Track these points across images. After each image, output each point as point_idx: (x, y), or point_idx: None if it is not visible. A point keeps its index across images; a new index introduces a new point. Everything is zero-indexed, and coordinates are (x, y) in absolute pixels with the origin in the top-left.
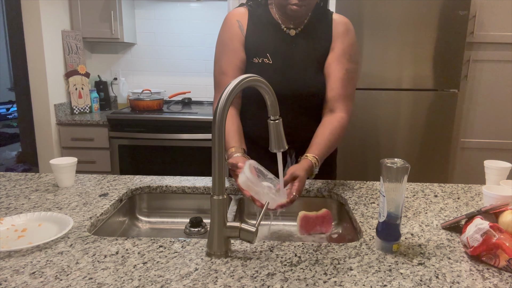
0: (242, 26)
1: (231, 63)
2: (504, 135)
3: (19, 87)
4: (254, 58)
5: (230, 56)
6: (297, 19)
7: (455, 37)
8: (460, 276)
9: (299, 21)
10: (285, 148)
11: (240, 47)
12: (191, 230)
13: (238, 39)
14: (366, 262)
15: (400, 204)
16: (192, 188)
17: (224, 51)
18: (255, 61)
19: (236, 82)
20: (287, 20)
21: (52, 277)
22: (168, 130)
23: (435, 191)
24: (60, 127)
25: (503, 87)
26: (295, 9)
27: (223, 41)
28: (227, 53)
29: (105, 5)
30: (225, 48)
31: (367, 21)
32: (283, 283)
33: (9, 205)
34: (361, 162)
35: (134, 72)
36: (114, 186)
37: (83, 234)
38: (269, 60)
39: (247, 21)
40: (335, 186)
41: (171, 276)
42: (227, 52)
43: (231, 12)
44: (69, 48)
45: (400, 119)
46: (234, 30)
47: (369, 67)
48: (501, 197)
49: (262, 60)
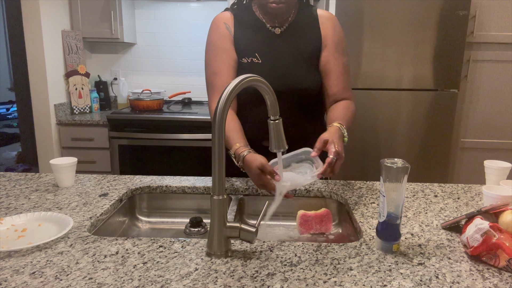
0: (230, 28)
1: (224, 62)
2: (504, 135)
3: (19, 87)
4: (243, 58)
5: (222, 56)
6: (279, 17)
7: (455, 37)
8: (460, 276)
9: (283, 19)
10: (286, 148)
11: (231, 47)
12: (191, 230)
13: (227, 39)
14: (366, 262)
15: (400, 204)
16: (192, 188)
17: (215, 52)
18: (244, 61)
19: (236, 82)
20: (271, 19)
21: (52, 277)
22: (168, 130)
23: (435, 191)
24: (60, 127)
25: (503, 87)
26: (274, 7)
27: (213, 42)
28: (218, 53)
29: (105, 5)
30: (216, 49)
31: (367, 21)
32: (283, 283)
33: (9, 205)
34: (361, 162)
35: (134, 72)
36: (114, 186)
37: (83, 234)
38: (258, 59)
39: (233, 23)
40: (335, 186)
41: (171, 276)
42: (218, 53)
43: (217, 16)
44: (69, 48)
45: (400, 119)
46: (222, 31)
47: (369, 67)
48: (501, 197)
49: (251, 60)
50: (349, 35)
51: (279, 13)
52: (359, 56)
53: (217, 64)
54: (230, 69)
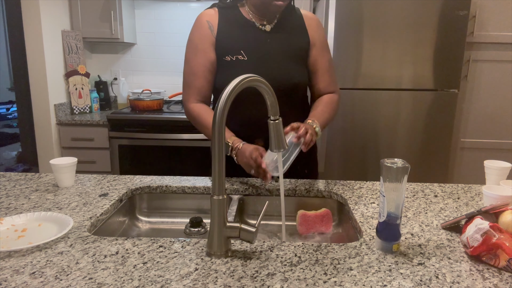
0: (213, 27)
1: (201, 64)
2: (504, 135)
3: (19, 87)
4: (226, 57)
5: (200, 58)
6: (274, 14)
7: (455, 37)
8: (460, 276)
9: (272, 17)
10: (285, 148)
11: (210, 48)
12: (191, 230)
13: (208, 40)
14: (366, 262)
15: (400, 204)
16: (192, 188)
17: (194, 52)
18: (227, 59)
19: (236, 82)
20: (261, 17)
21: (52, 277)
22: (168, 130)
23: (435, 191)
24: (60, 127)
25: (503, 87)
26: (280, 4)
27: (194, 42)
28: (197, 54)
29: (105, 5)
30: (195, 49)
31: (367, 21)
32: (283, 283)
33: (9, 205)
34: (361, 162)
35: (134, 72)
36: (114, 186)
37: (83, 234)
38: (243, 56)
39: (218, 21)
40: (335, 186)
41: (171, 276)
42: (197, 53)
43: (202, 13)
44: (69, 48)
45: (400, 119)
46: (204, 31)
47: (369, 67)
48: (501, 197)
49: (236, 58)
50: (349, 35)
51: (280, 10)
52: (359, 56)
53: (194, 64)
54: (206, 71)
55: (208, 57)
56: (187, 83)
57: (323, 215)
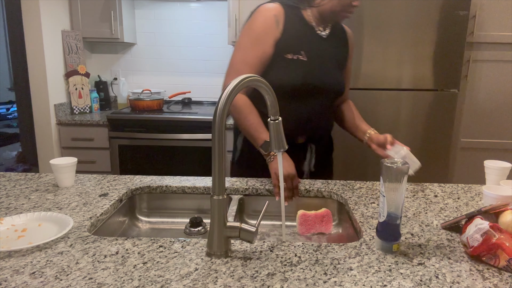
0: (279, 22)
1: (257, 56)
2: (504, 135)
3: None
4: (288, 54)
5: (259, 50)
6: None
7: (455, 37)
8: (460, 276)
9: (327, 25)
10: (285, 148)
11: (271, 43)
12: (191, 230)
13: (271, 34)
14: (366, 262)
15: (400, 204)
16: (192, 188)
17: (253, 42)
18: (288, 56)
19: (236, 82)
20: (320, 23)
21: (52, 277)
22: (168, 130)
23: (435, 191)
24: (60, 127)
25: (503, 87)
26: (353, 11)
27: (255, 31)
28: (256, 45)
29: (105, 5)
30: (255, 39)
31: (367, 21)
32: (283, 283)
33: (9, 205)
34: (361, 162)
35: (134, 72)
36: (114, 186)
37: (83, 234)
38: (304, 57)
39: (284, 18)
40: (335, 186)
41: (171, 276)
42: (256, 44)
43: (267, 6)
44: (69, 48)
45: (400, 119)
46: (269, 24)
47: (369, 67)
48: (501, 197)
49: (297, 57)
50: None
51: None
52: (359, 56)
53: (250, 54)
54: (259, 64)
55: (267, 50)
56: (236, 70)
57: (323, 215)
